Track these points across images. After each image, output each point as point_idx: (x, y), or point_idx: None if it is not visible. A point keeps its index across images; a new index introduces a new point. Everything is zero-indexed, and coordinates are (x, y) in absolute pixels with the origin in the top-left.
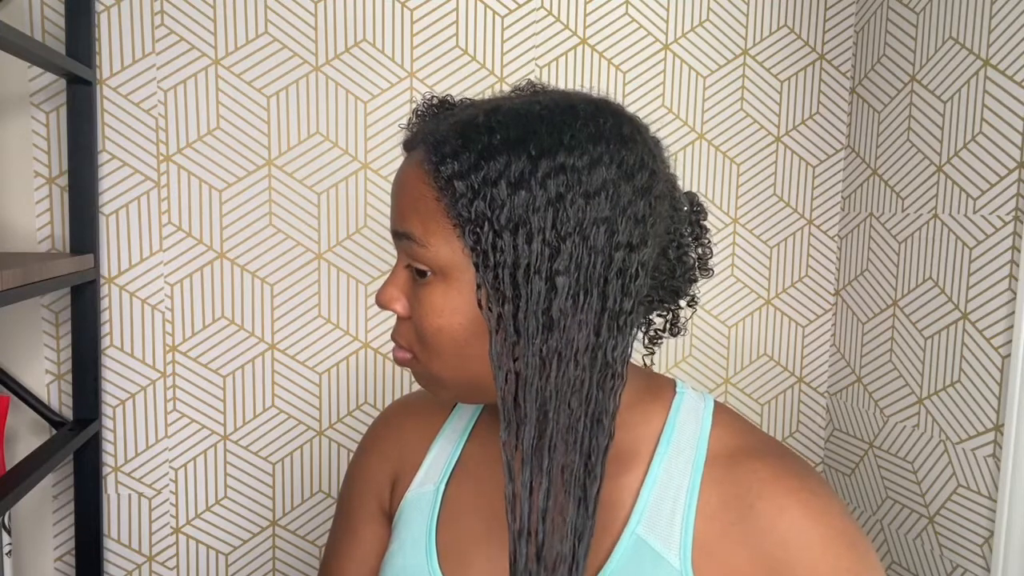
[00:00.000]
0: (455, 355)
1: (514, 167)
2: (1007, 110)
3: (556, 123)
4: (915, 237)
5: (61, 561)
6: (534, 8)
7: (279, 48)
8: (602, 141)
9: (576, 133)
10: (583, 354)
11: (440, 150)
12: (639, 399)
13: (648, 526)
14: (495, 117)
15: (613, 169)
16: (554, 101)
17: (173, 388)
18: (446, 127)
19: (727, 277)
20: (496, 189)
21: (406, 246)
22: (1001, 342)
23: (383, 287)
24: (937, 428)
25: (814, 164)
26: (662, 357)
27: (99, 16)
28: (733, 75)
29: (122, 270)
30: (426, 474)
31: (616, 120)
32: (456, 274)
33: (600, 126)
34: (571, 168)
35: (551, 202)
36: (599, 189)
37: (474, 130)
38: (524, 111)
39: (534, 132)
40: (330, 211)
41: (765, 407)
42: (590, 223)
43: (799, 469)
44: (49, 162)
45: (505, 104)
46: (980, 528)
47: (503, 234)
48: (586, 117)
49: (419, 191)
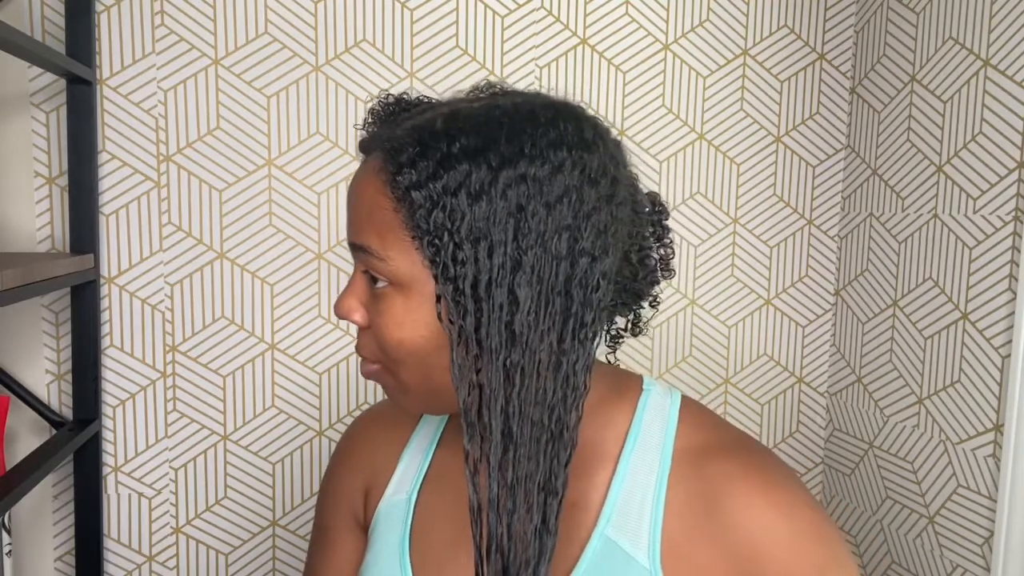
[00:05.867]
0: (419, 365)
1: (474, 177)
2: (1007, 110)
3: (516, 130)
4: (915, 237)
5: (61, 561)
6: (534, 8)
7: (279, 48)
8: (563, 147)
9: (537, 140)
10: (546, 367)
11: (396, 158)
12: (605, 398)
13: (617, 527)
14: (455, 124)
15: (575, 175)
16: (514, 105)
17: (173, 388)
18: (403, 132)
19: (727, 277)
20: (456, 200)
21: (363, 258)
22: (1001, 342)
23: (341, 297)
24: (937, 428)
25: (814, 164)
26: (662, 357)
27: (99, 16)
28: (733, 75)
29: (122, 270)
30: (398, 484)
31: (577, 124)
32: (416, 286)
33: (561, 131)
34: (532, 178)
35: (512, 213)
36: (561, 196)
37: (432, 137)
38: (484, 117)
39: (494, 140)
40: (330, 211)
41: (765, 407)
42: (552, 232)
43: (765, 463)
44: (49, 162)
45: (464, 109)
46: (980, 528)
47: (463, 246)
48: (547, 122)
49: (376, 201)
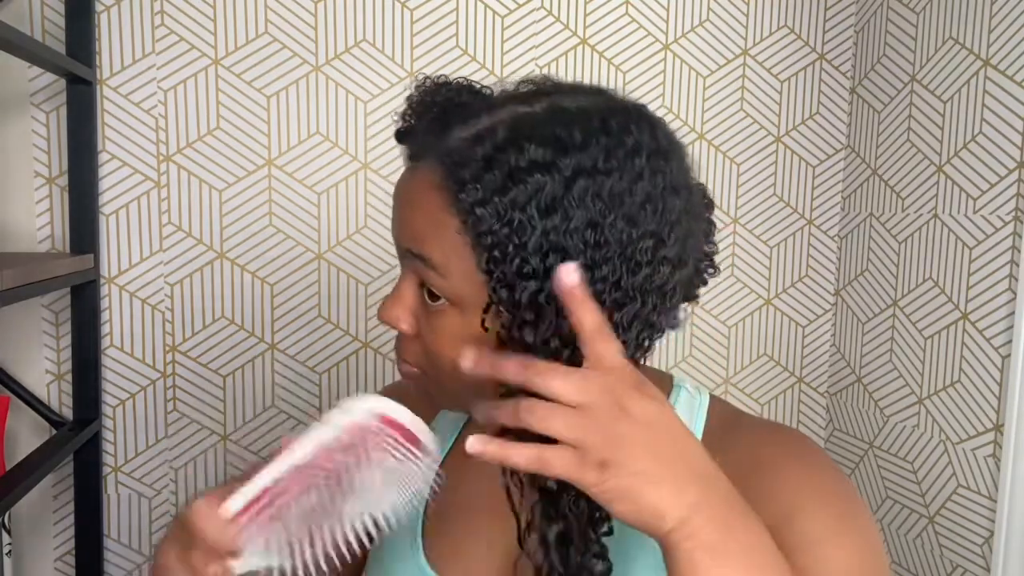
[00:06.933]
0: (472, 381)
1: (547, 189)
2: (1007, 110)
3: (589, 139)
4: (915, 237)
5: (61, 561)
6: (534, 8)
7: (279, 48)
8: (640, 155)
9: (613, 150)
10: None
11: (459, 173)
12: None
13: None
14: (520, 133)
15: (657, 182)
16: (581, 110)
17: (173, 388)
18: (462, 144)
19: (727, 277)
20: (525, 214)
21: (419, 268)
22: (1001, 342)
23: (388, 305)
24: (937, 428)
25: (814, 164)
26: (662, 357)
27: (99, 16)
28: (733, 75)
29: (122, 270)
30: None
31: (652, 131)
32: (476, 302)
33: (637, 138)
34: (610, 191)
35: (590, 224)
36: (643, 203)
37: (497, 150)
38: (551, 124)
39: (565, 150)
40: (330, 211)
41: (765, 407)
42: (635, 239)
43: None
44: (49, 162)
45: (526, 115)
46: (980, 528)
47: (530, 260)
48: (620, 129)
49: (438, 218)
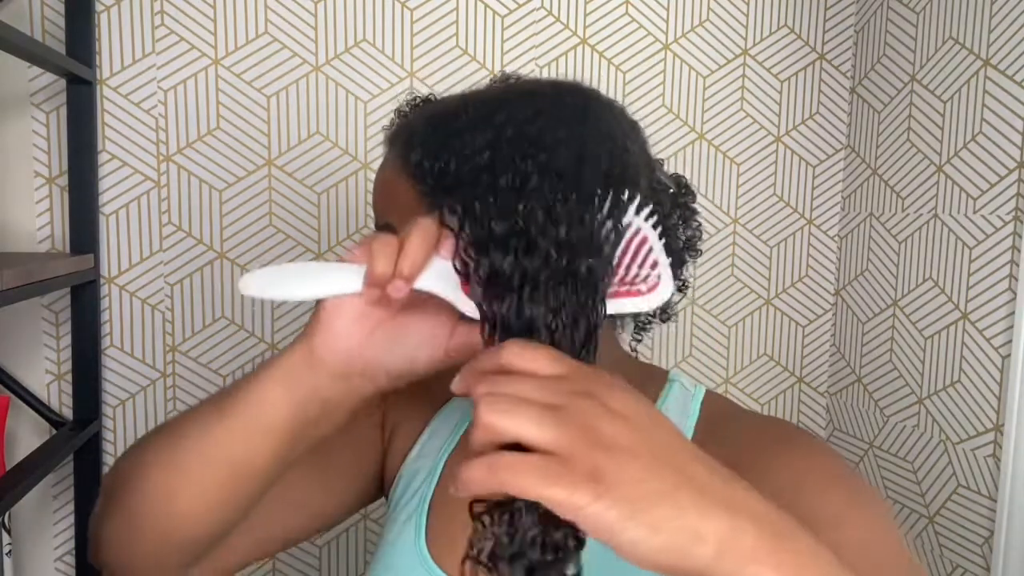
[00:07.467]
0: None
1: (480, 138)
2: (1007, 110)
3: (521, 101)
4: (915, 237)
5: (61, 561)
6: (534, 8)
7: (279, 48)
8: (567, 115)
9: (543, 107)
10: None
11: (411, 140)
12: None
13: None
14: (462, 103)
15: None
16: (520, 82)
17: (173, 388)
18: (416, 118)
19: (727, 277)
20: (462, 158)
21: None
22: (1001, 342)
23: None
24: (937, 428)
25: (814, 164)
26: (662, 357)
27: (99, 16)
28: (733, 75)
29: (122, 270)
30: (422, 448)
31: (584, 99)
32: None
33: (567, 104)
34: (534, 138)
35: (515, 171)
36: (579, 160)
37: (443, 119)
38: (489, 95)
39: (498, 109)
40: (330, 211)
41: (765, 407)
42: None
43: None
44: (49, 162)
45: (472, 92)
46: (980, 528)
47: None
48: (553, 95)
49: (394, 185)
